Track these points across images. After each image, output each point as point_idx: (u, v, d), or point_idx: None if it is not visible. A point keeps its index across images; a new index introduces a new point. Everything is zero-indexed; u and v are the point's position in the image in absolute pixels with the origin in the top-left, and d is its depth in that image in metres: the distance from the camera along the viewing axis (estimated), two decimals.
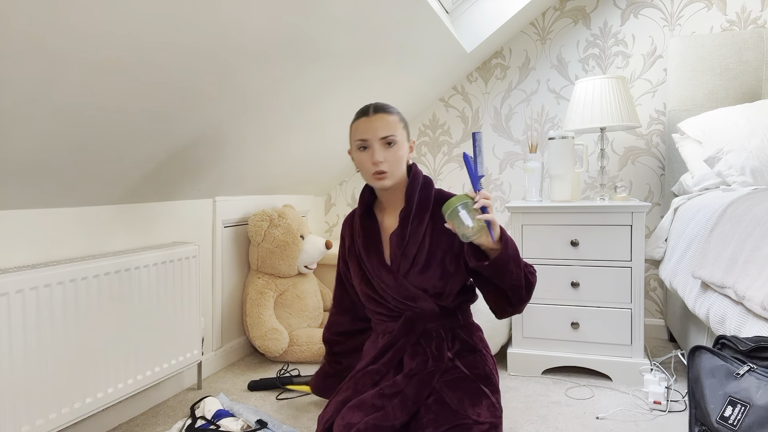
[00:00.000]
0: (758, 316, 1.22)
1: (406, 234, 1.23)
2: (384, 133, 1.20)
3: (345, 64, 2.02)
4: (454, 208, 1.06)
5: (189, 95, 1.55)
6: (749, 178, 2.00)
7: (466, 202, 1.07)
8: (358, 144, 1.23)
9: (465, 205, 1.07)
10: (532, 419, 1.77)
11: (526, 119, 2.87)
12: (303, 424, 1.76)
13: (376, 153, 1.19)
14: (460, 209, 1.06)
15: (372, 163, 1.20)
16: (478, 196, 1.08)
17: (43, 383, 1.42)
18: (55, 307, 1.45)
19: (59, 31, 1.08)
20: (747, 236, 1.39)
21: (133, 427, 1.78)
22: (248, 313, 2.37)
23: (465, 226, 1.06)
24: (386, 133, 1.20)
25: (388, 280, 1.23)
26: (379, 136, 1.20)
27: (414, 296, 1.21)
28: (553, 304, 2.16)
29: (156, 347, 1.82)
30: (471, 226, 1.06)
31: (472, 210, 1.07)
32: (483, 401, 1.14)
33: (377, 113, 1.23)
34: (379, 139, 1.20)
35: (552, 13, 2.80)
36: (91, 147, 1.46)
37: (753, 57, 2.40)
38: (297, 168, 2.64)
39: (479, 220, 1.06)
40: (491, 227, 1.08)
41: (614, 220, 2.07)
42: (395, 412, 1.11)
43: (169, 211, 2.04)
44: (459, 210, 1.06)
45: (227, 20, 1.38)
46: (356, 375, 1.24)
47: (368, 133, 1.20)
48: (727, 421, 0.92)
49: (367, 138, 1.21)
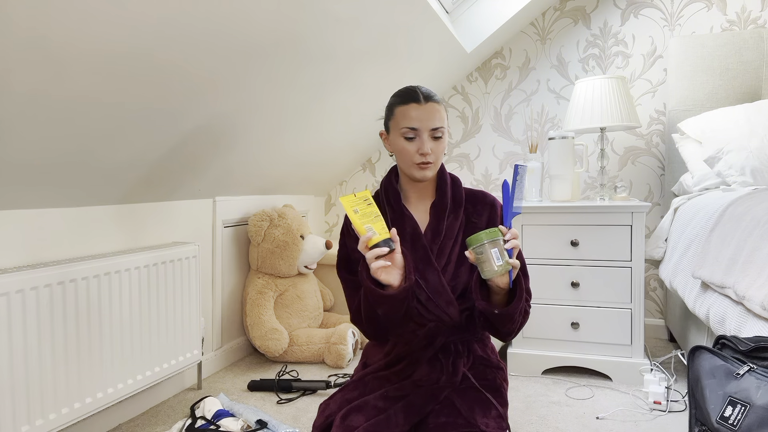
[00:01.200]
0: (758, 316, 1.22)
1: (442, 228, 1.20)
2: (435, 124, 1.16)
3: (345, 63, 2.02)
4: (483, 243, 1.00)
5: (190, 93, 1.56)
6: (749, 178, 2.00)
7: (496, 239, 1.00)
8: (405, 132, 1.17)
9: (494, 242, 1.00)
10: (532, 419, 1.77)
11: (526, 119, 2.87)
12: (303, 424, 1.76)
13: (425, 144, 1.15)
14: (488, 246, 0.99)
15: (420, 153, 1.16)
16: (509, 234, 1.02)
17: (43, 383, 1.42)
18: (55, 307, 1.46)
19: (58, 28, 1.08)
20: (747, 236, 1.39)
21: (133, 427, 1.78)
22: (248, 313, 2.37)
23: (491, 264, 0.99)
24: (438, 124, 1.16)
25: (432, 277, 1.16)
26: (431, 126, 1.16)
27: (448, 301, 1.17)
28: (553, 304, 2.16)
29: (156, 347, 1.82)
30: (496, 268, 0.99)
31: (502, 249, 1.00)
32: (492, 411, 1.13)
33: (428, 102, 1.17)
34: (429, 130, 1.16)
35: (552, 13, 2.80)
36: (90, 147, 1.46)
37: (753, 57, 2.40)
38: (297, 168, 2.64)
39: (506, 263, 0.99)
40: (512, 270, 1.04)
41: (614, 220, 2.07)
42: (397, 417, 1.09)
43: (169, 211, 2.04)
44: (487, 247, 0.99)
45: (228, 19, 1.38)
46: (364, 378, 1.22)
47: (419, 122, 1.16)
48: (727, 421, 0.92)
49: (419, 127, 1.16)
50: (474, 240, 1.01)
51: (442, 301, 1.17)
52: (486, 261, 1.00)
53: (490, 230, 1.01)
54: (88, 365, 1.56)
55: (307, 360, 2.38)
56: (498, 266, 0.99)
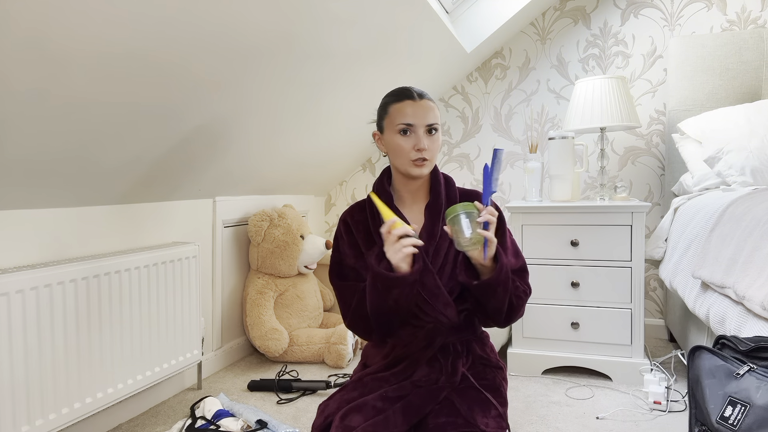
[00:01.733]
0: (758, 316, 1.22)
1: (437, 230, 1.20)
2: (431, 120, 1.18)
3: (345, 63, 2.02)
4: (457, 214, 1.05)
5: (189, 93, 1.56)
6: (749, 178, 2.00)
7: (470, 212, 1.05)
8: (401, 127, 1.17)
9: (469, 214, 1.05)
10: (532, 419, 1.77)
11: (526, 119, 2.87)
12: (303, 424, 1.76)
13: (421, 139, 1.16)
14: (462, 217, 1.05)
15: (416, 149, 1.17)
16: (484, 210, 1.06)
17: (43, 383, 1.42)
18: (55, 307, 1.46)
19: (58, 28, 1.08)
20: (747, 236, 1.39)
21: (133, 427, 1.78)
22: (248, 313, 2.37)
23: (462, 234, 1.05)
24: (433, 120, 1.18)
25: (428, 279, 1.16)
26: (426, 122, 1.17)
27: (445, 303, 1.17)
28: (553, 304, 2.16)
29: (156, 347, 1.82)
30: (468, 237, 1.04)
31: (475, 221, 1.05)
32: (492, 411, 1.13)
33: (423, 99, 1.19)
34: (425, 126, 1.17)
35: (552, 13, 2.80)
36: (90, 147, 1.46)
37: (753, 57, 2.40)
38: (297, 168, 2.64)
39: (477, 233, 1.05)
40: (487, 244, 1.07)
41: (614, 220, 2.07)
42: (396, 417, 1.09)
43: (169, 211, 2.04)
44: (462, 217, 1.05)
45: (227, 19, 1.38)
46: (364, 379, 1.22)
47: (415, 118, 1.17)
48: (727, 421, 0.92)
49: (414, 123, 1.17)
50: (450, 212, 1.06)
51: (439, 303, 1.17)
52: (458, 231, 1.05)
53: (465, 203, 1.06)
54: (88, 365, 1.56)
55: (307, 360, 2.38)
56: (468, 237, 1.04)
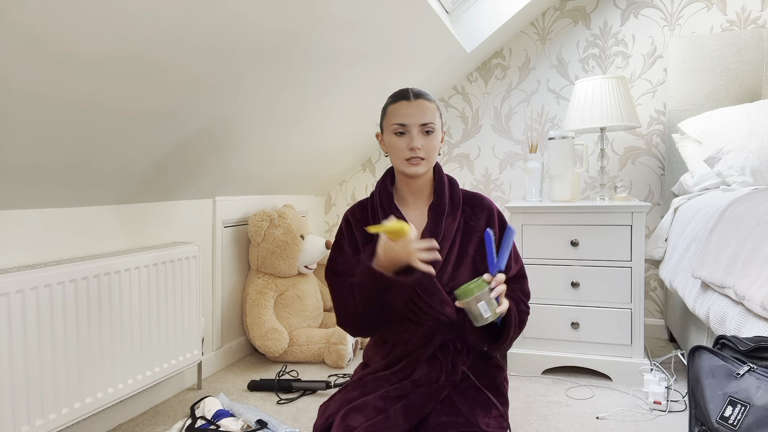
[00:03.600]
0: (758, 316, 1.22)
1: (440, 230, 1.20)
2: (424, 119, 1.18)
3: (345, 64, 2.02)
4: (471, 298, 1.04)
5: (189, 94, 1.56)
6: (749, 178, 2.00)
7: (483, 292, 1.04)
8: (396, 128, 1.19)
9: (482, 295, 1.04)
10: (532, 419, 1.77)
11: (526, 119, 2.87)
12: (303, 424, 1.76)
13: (414, 139, 1.17)
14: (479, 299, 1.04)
15: (409, 149, 1.18)
16: (494, 282, 1.06)
17: (43, 383, 1.42)
18: (55, 307, 1.46)
19: (57, 28, 1.08)
20: (747, 236, 1.39)
21: (133, 427, 1.78)
22: (248, 313, 2.37)
23: (482, 317, 1.04)
24: (427, 120, 1.19)
25: (425, 280, 1.16)
26: (420, 122, 1.18)
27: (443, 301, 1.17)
28: (553, 304, 2.16)
29: (156, 347, 1.82)
30: (486, 317, 1.04)
31: (489, 299, 1.04)
32: (493, 411, 1.13)
33: (418, 99, 1.20)
34: (418, 126, 1.18)
35: (552, 13, 2.80)
36: (90, 147, 1.46)
37: (753, 57, 2.40)
38: (297, 168, 2.64)
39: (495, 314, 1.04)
40: None
41: (614, 220, 2.07)
42: (397, 417, 1.09)
43: (169, 211, 2.04)
44: (478, 299, 1.04)
45: (228, 18, 1.38)
46: (364, 379, 1.22)
47: (409, 118, 1.18)
48: (727, 421, 0.92)
49: (407, 123, 1.18)
50: (462, 294, 1.05)
51: (436, 302, 1.18)
52: (477, 314, 1.05)
53: (476, 283, 1.05)
54: (88, 365, 1.56)
55: (307, 360, 2.38)
56: (487, 317, 1.05)
